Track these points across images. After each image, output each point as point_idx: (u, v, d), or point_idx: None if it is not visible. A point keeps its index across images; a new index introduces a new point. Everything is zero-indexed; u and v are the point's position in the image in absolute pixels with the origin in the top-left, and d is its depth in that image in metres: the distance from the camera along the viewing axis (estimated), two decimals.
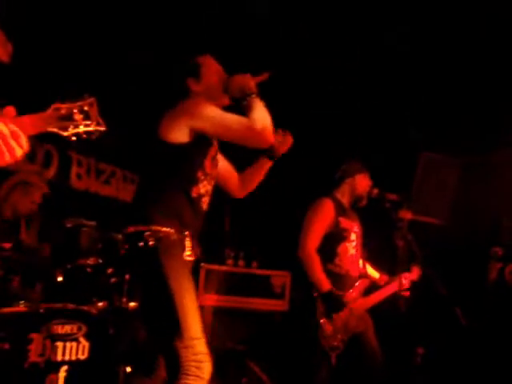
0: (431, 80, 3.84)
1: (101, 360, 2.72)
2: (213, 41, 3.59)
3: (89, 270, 3.12)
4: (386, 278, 3.22)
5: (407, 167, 4.03)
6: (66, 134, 1.41)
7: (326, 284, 2.90)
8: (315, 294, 2.92)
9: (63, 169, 4.38)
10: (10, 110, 1.35)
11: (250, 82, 2.21)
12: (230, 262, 4.22)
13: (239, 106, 2.20)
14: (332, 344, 2.85)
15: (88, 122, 1.43)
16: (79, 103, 1.43)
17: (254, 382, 3.69)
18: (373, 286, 3.17)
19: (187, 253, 2.10)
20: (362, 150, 3.64)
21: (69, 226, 3.50)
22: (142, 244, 1.99)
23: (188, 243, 2.10)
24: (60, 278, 3.07)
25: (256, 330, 3.94)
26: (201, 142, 2.15)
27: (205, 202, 2.21)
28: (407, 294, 2.98)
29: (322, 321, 2.86)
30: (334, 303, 2.86)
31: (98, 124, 1.45)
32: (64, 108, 1.40)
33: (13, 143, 1.30)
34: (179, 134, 2.10)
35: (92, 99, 1.45)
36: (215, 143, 2.28)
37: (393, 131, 4.04)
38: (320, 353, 2.85)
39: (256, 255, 4.29)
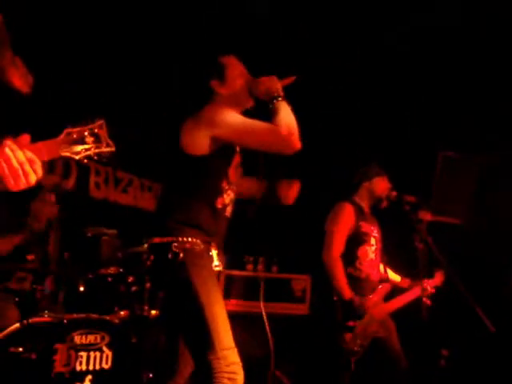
0: (451, 78, 3.79)
1: (124, 368, 2.75)
2: (212, 41, 3.61)
3: (110, 279, 3.16)
4: (408, 282, 3.19)
5: (425, 168, 3.99)
6: (78, 157, 1.46)
7: (347, 291, 2.90)
8: (335, 298, 2.91)
9: (82, 179, 4.44)
10: (25, 137, 1.39)
11: (277, 84, 2.13)
12: (249, 267, 4.22)
13: (264, 109, 2.14)
14: (352, 349, 2.84)
15: (98, 145, 1.48)
16: (89, 126, 1.47)
17: None
18: (395, 291, 3.13)
19: (214, 263, 2.08)
20: (379, 152, 3.62)
21: (89, 235, 3.55)
22: (170, 256, 1.97)
23: (214, 253, 2.08)
24: (82, 288, 3.11)
25: (277, 334, 3.93)
26: (225, 150, 2.10)
27: (228, 211, 2.19)
28: (428, 301, 2.93)
29: (342, 326, 2.87)
30: (354, 311, 2.86)
31: (107, 145, 1.50)
32: (75, 132, 1.45)
33: (28, 169, 1.34)
34: (202, 145, 2.04)
35: (101, 121, 1.49)
36: (238, 150, 2.22)
37: (409, 132, 4.01)
38: (340, 357, 2.83)
39: (276, 260, 4.28)
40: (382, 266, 3.22)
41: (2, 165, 1.32)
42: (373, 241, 3.09)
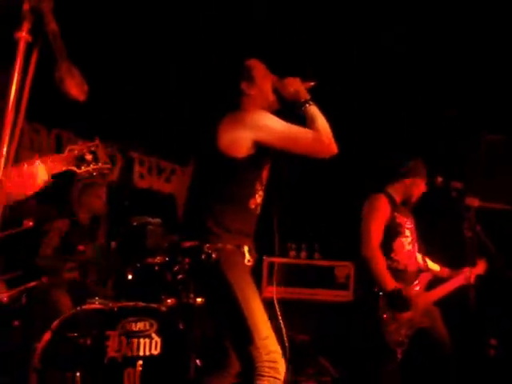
0: (496, 58, 3.64)
1: (173, 354, 2.83)
2: (210, 42, 3.61)
3: (156, 268, 3.24)
4: (447, 271, 3.12)
5: (472, 153, 3.86)
6: (79, 171, 1.69)
7: (391, 282, 2.87)
8: (375, 289, 2.88)
9: (126, 169, 4.54)
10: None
11: (302, 86, 2.18)
12: (292, 253, 4.23)
13: (290, 109, 2.17)
14: (397, 339, 2.82)
15: (96, 162, 1.71)
16: (88, 145, 1.71)
17: (320, 374, 3.71)
18: (434, 281, 3.07)
19: (246, 258, 2.13)
20: (423, 138, 3.54)
21: (135, 224, 3.64)
22: (204, 257, 2.04)
23: (246, 249, 2.13)
24: (130, 277, 3.21)
25: (320, 321, 3.95)
26: (262, 153, 2.12)
27: (259, 210, 2.22)
28: (472, 289, 2.87)
29: (385, 316, 2.83)
30: (398, 302, 2.82)
31: (104, 163, 1.72)
32: (76, 149, 1.69)
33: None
34: (243, 148, 2.07)
35: (97, 142, 1.73)
36: (272, 152, 2.21)
37: (454, 116, 3.88)
38: (385, 348, 2.82)
39: (318, 246, 4.28)
40: (419, 256, 3.17)
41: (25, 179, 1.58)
42: (407, 232, 3.05)
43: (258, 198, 2.18)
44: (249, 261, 2.14)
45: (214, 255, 2.03)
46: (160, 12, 3.74)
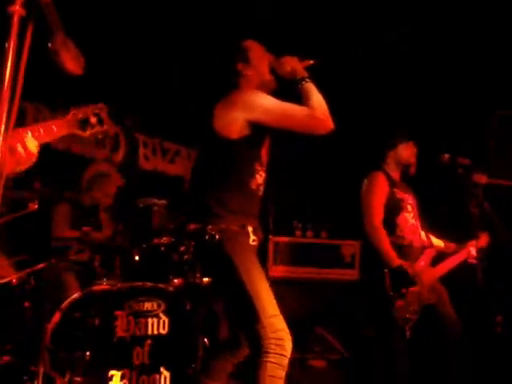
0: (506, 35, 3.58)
1: (180, 334, 2.86)
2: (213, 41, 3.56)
3: (163, 248, 3.25)
4: (452, 246, 3.10)
5: (480, 129, 3.81)
6: (85, 134, 1.65)
7: (395, 259, 2.86)
8: (386, 271, 2.87)
9: (131, 151, 4.54)
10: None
11: (300, 64, 2.17)
12: (298, 233, 4.23)
13: (287, 88, 2.15)
14: (404, 316, 2.81)
15: (101, 124, 1.67)
16: (92, 107, 1.67)
17: (327, 351, 3.74)
18: (440, 256, 3.06)
19: (251, 238, 2.13)
20: (430, 113, 3.49)
21: (141, 205, 3.65)
22: (207, 237, 2.05)
23: (250, 229, 2.13)
24: (137, 258, 3.23)
25: (327, 299, 3.96)
26: (257, 133, 2.12)
27: (261, 191, 2.22)
28: (475, 261, 2.88)
29: (391, 293, 2.84)
30: (404, 278, 2.82)
31: (109, 125, 1.70)
32: (80, 113, 1.65)
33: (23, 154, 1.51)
34: (236, 128, 2.07)
35: (102, 105, 1.69)
36: (269, 131, 2.22)
37: (461, 92, 3.83)
38: (393, 325, 2.82)
39: (325, 225, 4.27)
40: (422, 232, 3.15)
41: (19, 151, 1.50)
42: (409, 207, 3.04)
43: (259, 178, 2.18)
44: (254, 240, 2.14)
45: (217, 236, 2.04)
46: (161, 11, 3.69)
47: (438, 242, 3.21)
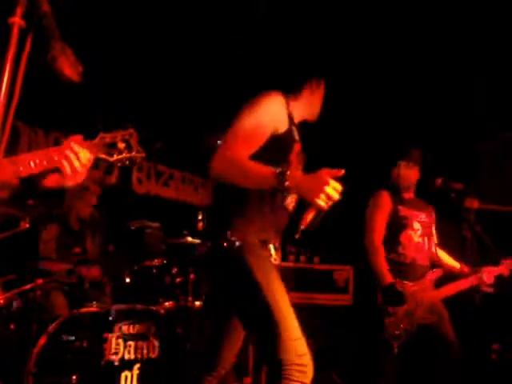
0: (498, 57, 3.65)
1: (171, 358, 2.80)
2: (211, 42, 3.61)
3: (155, 270, 3.22)
4: (467, 269, 3.02)
5: (472, 154, 3.86)
6: (111, 159, 1.59)
7: (388, 277, 2.85)
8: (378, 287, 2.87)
9: (124, 174, 4.53)
10: (78, 137, 1.55)
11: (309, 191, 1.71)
12: (291, 257, 4.21)
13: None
14: (393, 333, 2.78)
15: (130, 150, 1.60)
16: (121, 133, 1.60)
17: (322, 378, 3.67)
18: (453, 277, 2.99)
19: (273, 256, 1.95)
20: (423, 138, 3.52)
21: (133, 228, 3.63)
22: (226, 244, 1.85)
23: (271, 246, 1.95)
24: (128, 279, 3.19)
25: (321, 324, 3.91)
26: (280, 138, 1.93)
27: (290, 203, 2.02)
28: (490, 289, 2.82)
29: (382, 309, 2.83)
30: (394, 297, 2.80)
31: (138, 152, 1.61)
32: (109, 137, 1.59)
33: (78, 165, 1.51)
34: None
35: (132, 130, 1.62)
36: (298, 139, 2.07)
37: (454, 117, 3.89)
38: (382, 342, 2.79)
39: (318, 251, 4.26)
40: (435, 250, 3.08)
41: (63, 162, 1.47)
42: (417, 225, 3.00)
43: None
44: (275, 259, 1.96)
45: (237, 243, 1.84)
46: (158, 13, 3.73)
47: (452, 263, 3.12)
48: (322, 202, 1.65)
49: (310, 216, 1.93)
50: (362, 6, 3.68)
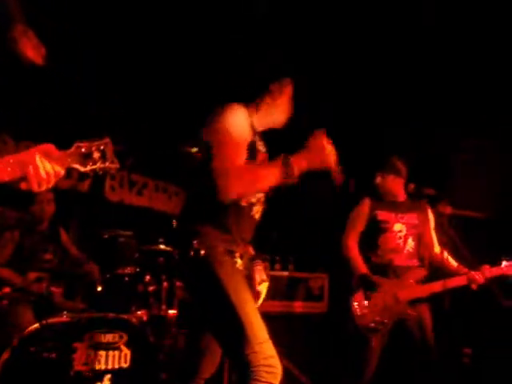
0: (473, 67, 3.74)
1: (142, 368, 2.73)
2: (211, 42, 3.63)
3: (127, 279, 3.15)
4: (462, 269, 3.02)
5: (443, 160, 3.93)
6: (84, 169, 1.55)
7: (362, 268, 2.99)
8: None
9: (97, 182, 4.46)
10: (51, 147, 1.51)
11: (318, 165, 1.92)
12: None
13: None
14: (367, 325, 2.87)
15: (104, 161, 1.58)
16: (97, 143, 1.57)
17: None
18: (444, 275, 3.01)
19: (238, 263, 2.00)
20: (397, 144, 3.58)
21: (106, 236, 3.56)
22: (192, 253, 1.91)
23: (237, 255, 2.00)
24: (99, 288, 3.11)
25: (297, 332, 3.90)
26: (249, 149, 1.97)
27: (257, 211, 2.08)
28: (474, 288, 2.85)
29: (355, 303, 2.93)
30: (368, 283, 2.93)
31: (112, 162, 1.60)
32: (84, 147, 1.56)
33: (51, 179, 1.48)
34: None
35: (107, 140, 1.60)
36: (263, 149, 2.13)
37: (426, 123, 3.96)
38: (357, 333, 2.87)
39: (292, 259, 4.25)
40: (435, 248, 3.12)
41: (30, 171, 1.45)
42: (398, 227, 3.07)
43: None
44: (240, 265, 2.01)
45: (202, 251, 1.90)
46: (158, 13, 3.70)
47: (449, 262, 3.06)
48: (331, 163, 1.91)
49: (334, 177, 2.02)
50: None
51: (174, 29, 3.75)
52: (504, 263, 2.93)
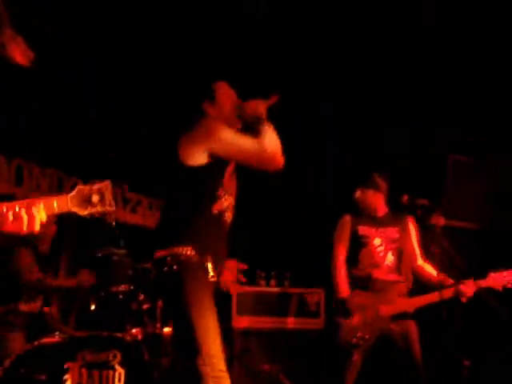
0: (455, 81, 3.79)
1: None
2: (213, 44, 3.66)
3: (121, 296, 3.12)
4: (447, 281, 3.02)
5: (436, 172, 3.95)
6: (82, 213, 1.57)
7: (341, 291, 3.05)
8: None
9: None
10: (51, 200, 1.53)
11: (262, 107, 2.28)
12: (262, 282, 4.17)
13: (251, 131, 2.24)
14: (350, 341, 2.91)
15: (103, 204, 1.60)
16: (98, 186, 1.60)
17: None
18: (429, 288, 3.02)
19: (210, 274, 2.14)
20: (390, 158, 3.60)
21: (99, 255, 3.53)
22: (166, 269, 2.07)
23: (210, 264, 2.14)
24: (93, 307, 3.07)
25: (293, 349, 3.85)
26: (220, 161, 2.19)
27: (228, 217, 2.24)
28: (464, 301, 2.87)
29: (336, 319, 3.00)
30: (342, 309, 2.99)
31: (110, 205, 1.62)
32: (86, 190, 1.58)
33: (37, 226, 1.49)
34: (198, 157, 2.15)
35: (108, 183, 1.62)
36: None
37: (419, 135, 3.99)
38: (339, 348, 2.92)
39: (288, 274, 4.23)
40: (418, 261, 3.17)
41: (23, 220, 1.47)
42: (377, 241, 3.13)
43: (223, 202, 2.21)
44: (212, 277, 2.15)
45: (175, 267, 2.06)
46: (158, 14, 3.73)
47: (433, 274, 3.07)
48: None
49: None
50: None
51: (174, 33, 3.78)
52: (491, 275, 2.94)
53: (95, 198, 1.57)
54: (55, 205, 1.52)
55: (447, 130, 3.86)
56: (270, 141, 2.16)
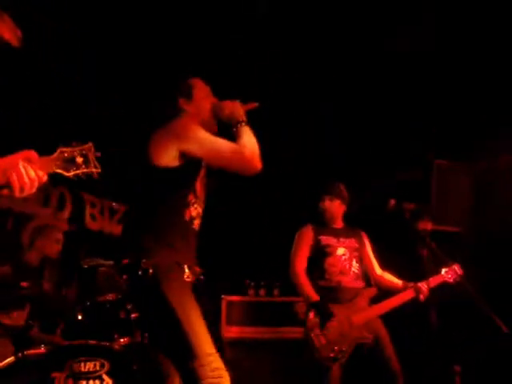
0: (440, 87, 3.85)
1: None
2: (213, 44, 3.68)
3: (108, 306, 3.07)
4: (408, 284, 3.09)
5: (423, 177, 3.99)
6: (68, 174, 1.59)
7: (314, 296, 2.98)
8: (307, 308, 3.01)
9: (77, 211, 4.40)
10: (33, 154, 1.55)
11: (240, 109, 2.23)
12: (251, 292, 4.14)
13: (227, 131, 2.20)
14: (327, 356, 2.83)
15: (87, 165, 1.63)
16: (80, 148, 1.62)
17: None
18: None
19: (186, 274, 2.07)
20: (375, 163, 3.62)
21: (86, 266, 3.48)
22: (140, 272, 1.97)
23: (185, 266, 2.08)
24: (80, 317, 3.02)
25: (281, 359, 3.81)
26: (191, 164, 2.12)
27: (196, 224, 2.18)
28: (421, 299, 2.93)
29: (312, 334, 2.88)
30: (324, 311, 2.91)
31: (95, 167, 1.64)
32: (67, 151, 1.60)
33: (35, 184, 1.51)
34: (169, 158, 2.06)
35: (90, 145, 1.64)
36: (204, 164, 2.23)
37: (403, 141, 4.03)
38: (319, 364, 2.83)
39: (277, 284, 4.21)
40: (376, 271, 3.22)
41: (14, 177, 1.48)
42: (341, 251, 3.14)
43: (193, 210, 2.14)
44: (188, 277, 2.08)
45: (150, 270, 1.96)
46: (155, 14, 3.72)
47: (393, 280, 3.19)
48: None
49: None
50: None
51: (174, 29, 3.77)
52: (444, 270, 3.04)
53: (79, 160, 1.59)
54: (40, 166, 1.53)
55: (431, 133, 3.91)
56: (249, 143, 2.11)
